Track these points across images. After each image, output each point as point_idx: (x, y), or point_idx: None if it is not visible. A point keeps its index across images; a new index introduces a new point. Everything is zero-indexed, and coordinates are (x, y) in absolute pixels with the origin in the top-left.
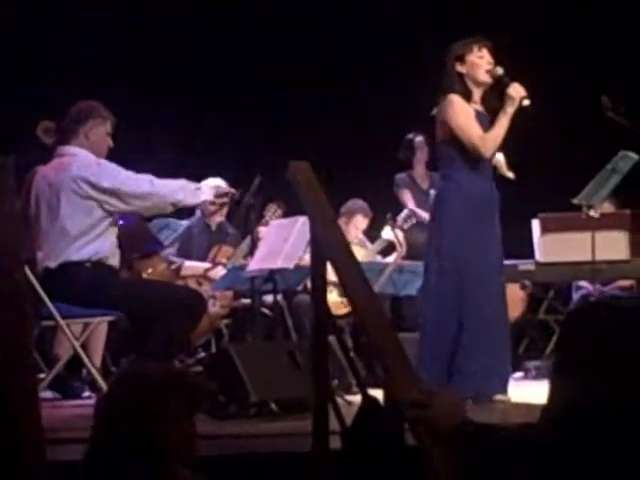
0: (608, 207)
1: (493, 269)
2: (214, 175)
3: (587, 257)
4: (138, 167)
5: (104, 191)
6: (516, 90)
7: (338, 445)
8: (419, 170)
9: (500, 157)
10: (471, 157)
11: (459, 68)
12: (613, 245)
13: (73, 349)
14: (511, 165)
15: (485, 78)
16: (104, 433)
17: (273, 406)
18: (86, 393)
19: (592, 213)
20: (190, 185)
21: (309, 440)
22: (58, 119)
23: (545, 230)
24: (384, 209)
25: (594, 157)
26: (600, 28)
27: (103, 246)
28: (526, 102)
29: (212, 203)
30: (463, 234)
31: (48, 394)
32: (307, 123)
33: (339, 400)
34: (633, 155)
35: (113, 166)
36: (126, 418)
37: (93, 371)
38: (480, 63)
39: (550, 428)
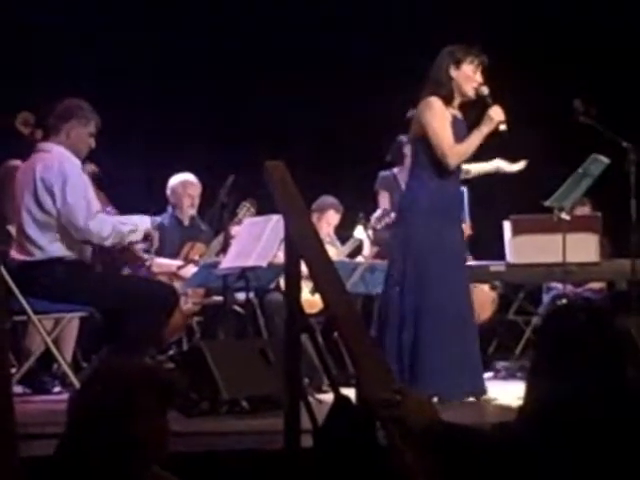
0: (587, 210)
1: (454, 269)
2: (187, 171)
3: (558, 259)
4: (110, 166)
5: (64, 206)
6: (496, 113)
7: (310, 443)
8: (405, 174)
9: (498, 163)
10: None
11: (452, 72)
12: (583, 247)
13: (45, 344)
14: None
15: (470, 93)
16: (78, 429)
17: (244, 404)
18: (57, 388)
19: (563, 215)
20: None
21: (280, 438)
22: (37, 112)
23: (516, 231)
24: (355, 208)
25: (566, 160)
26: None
27: (72, 242)
28: (503, 127)
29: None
30: (426, 232)
31: (18, 389)
32: (279, 122)
33: (310, 399)
34: (604, 159)
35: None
36: (101, 414)
37: (65, 367)
38: (472, 77)
39: (528, 428)
